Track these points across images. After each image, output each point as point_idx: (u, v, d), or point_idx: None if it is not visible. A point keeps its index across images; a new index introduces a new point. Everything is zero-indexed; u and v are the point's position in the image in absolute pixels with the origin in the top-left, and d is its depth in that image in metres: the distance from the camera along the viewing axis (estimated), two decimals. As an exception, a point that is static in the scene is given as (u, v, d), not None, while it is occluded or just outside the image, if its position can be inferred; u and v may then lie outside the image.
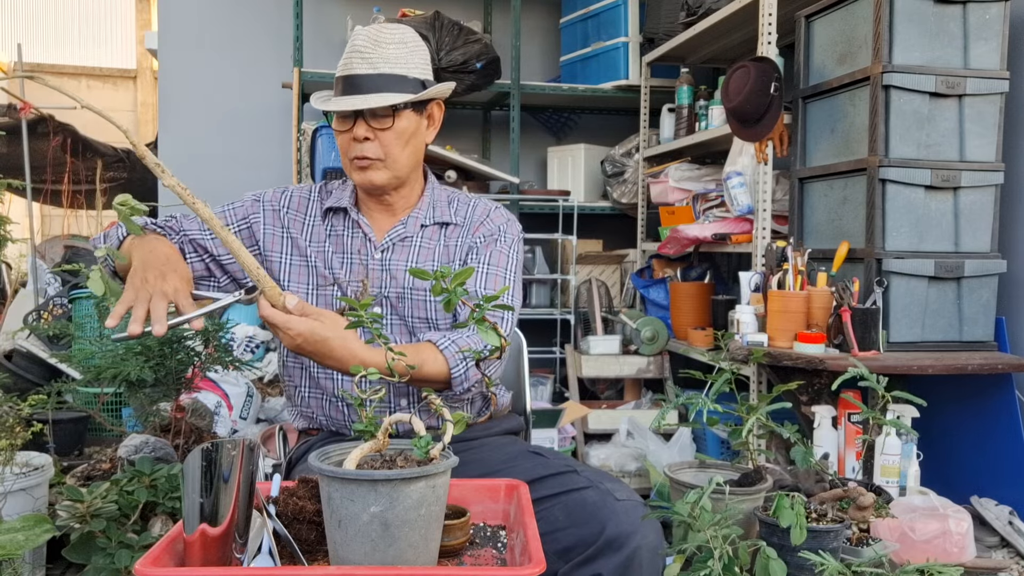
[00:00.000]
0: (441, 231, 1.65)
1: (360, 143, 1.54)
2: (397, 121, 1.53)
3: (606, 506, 1.32)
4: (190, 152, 4.12)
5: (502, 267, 1.60)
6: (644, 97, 3.82)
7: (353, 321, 1.12)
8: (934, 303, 2.38)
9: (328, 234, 1.64)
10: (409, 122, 1.55)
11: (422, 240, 1.63)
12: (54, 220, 6.96)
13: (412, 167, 1.61)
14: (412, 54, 1.54)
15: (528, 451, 1.56)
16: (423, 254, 1.62)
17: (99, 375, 2.38)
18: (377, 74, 1.50)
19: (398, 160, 1.56)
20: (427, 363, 1.43)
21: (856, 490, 1.54)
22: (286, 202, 1.66)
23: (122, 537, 1.80)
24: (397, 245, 1.62)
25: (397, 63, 1.52)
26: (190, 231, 1.61)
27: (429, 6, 3.68)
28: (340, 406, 1.60)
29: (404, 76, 1.52)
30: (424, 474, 0.99)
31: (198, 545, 1.00)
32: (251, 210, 1.65)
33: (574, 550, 1.31)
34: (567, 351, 3.63)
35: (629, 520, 1.30)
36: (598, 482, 1.39)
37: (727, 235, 2.97)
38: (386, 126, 1.53)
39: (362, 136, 1.53)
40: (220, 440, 1.04)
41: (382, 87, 1.50)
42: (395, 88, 1.51)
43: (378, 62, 1.51)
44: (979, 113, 2.38)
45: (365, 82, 1.51)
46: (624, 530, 1.28)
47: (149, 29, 6.52)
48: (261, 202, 1.66)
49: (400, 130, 1.54)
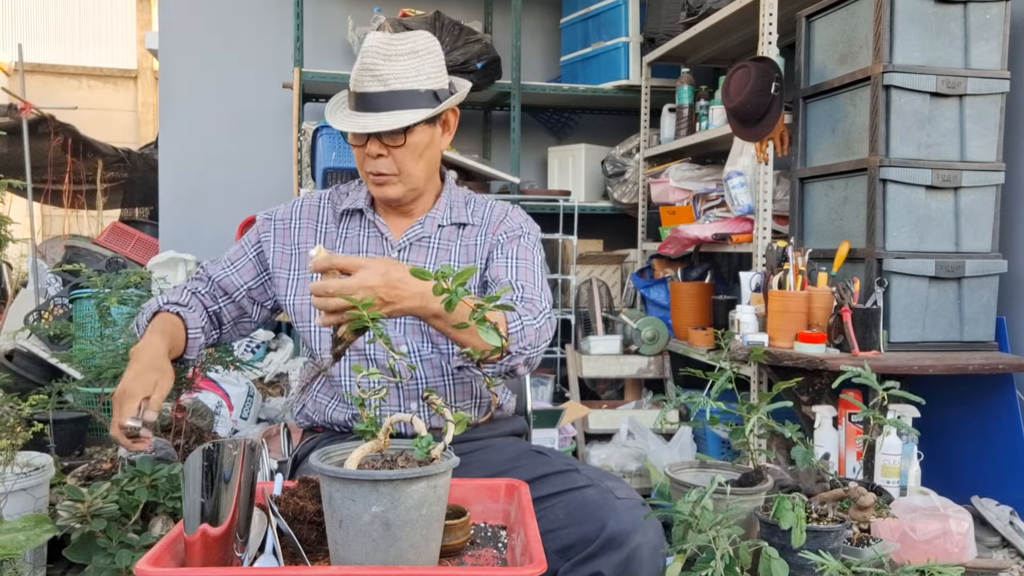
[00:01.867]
0: (458, 232, 1.65)
1: (374, 159, 1.54)
2: (410, 137, 1.52)
3: (606, 504, 1.32)
4: (191, 152, 4.13)
5: (530, 261, 1.60)
6: (644, 97, 3.82)
7: (354, 322, 1.12)
8: (935, 303, 2.38)
9: (344, 236, 1.64)
10: (423, 136, 1.54)
11: (440, 241, 1.63)
12: (55, 220, 6.97)
13: (428, 177, 1.61)
14: (424, 63, 1.52)
15: (531, 450, 1.57)
16: (441, 255, 1.62)
17: (100, 375, 2.39)
18: (388, 91, 1.49)
19: (412, 174, 1.56)
20: None
21: (857, 490, 1.54)
22: (296, 213, 1.67)
23: (123, 537, 1.80)
24: (415, 245, 1.62)
25: (408, 78, 1.50)
26: (216, 276, 1.65)
27: (429, 6, 3.68)
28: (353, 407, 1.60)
29: (416, 91, 1.50)
30: (425, 474, 0.99)
31: (199, 545, 1.00)
32: (262, 229, 1.67)
33: (574, 548, 1.31)
34: (568, 351, 3.63)
35: (630, 518, 1.30)
36: (598, 480, 1.39)
37: (728, 235, 2.97)
38: (399, 143, 1.52)
39: (375, 153, 1.53)
40: (221, 440, 1.04)
41: (394, 105, 1.49)
42: (407, 104, 1.49)
43: (389, 79, 1.49)
44: (980, 113, 2.38)
45: (376, 100, 1.49)
46: (624, 528, 1.28)
47: (149, 29, 6.53)
48: (272, 220, 1.68)
49: (414, 145, 1.53)
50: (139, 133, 8.71)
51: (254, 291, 1.65)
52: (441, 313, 1.28)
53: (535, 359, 1.45)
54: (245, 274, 1.64)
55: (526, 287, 1.53)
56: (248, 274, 1.65)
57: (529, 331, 1.41)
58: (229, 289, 1.64)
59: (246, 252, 1.66)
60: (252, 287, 1.65)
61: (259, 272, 1.65)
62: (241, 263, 1.65)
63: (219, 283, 1.64)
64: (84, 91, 8.73)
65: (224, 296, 1.64)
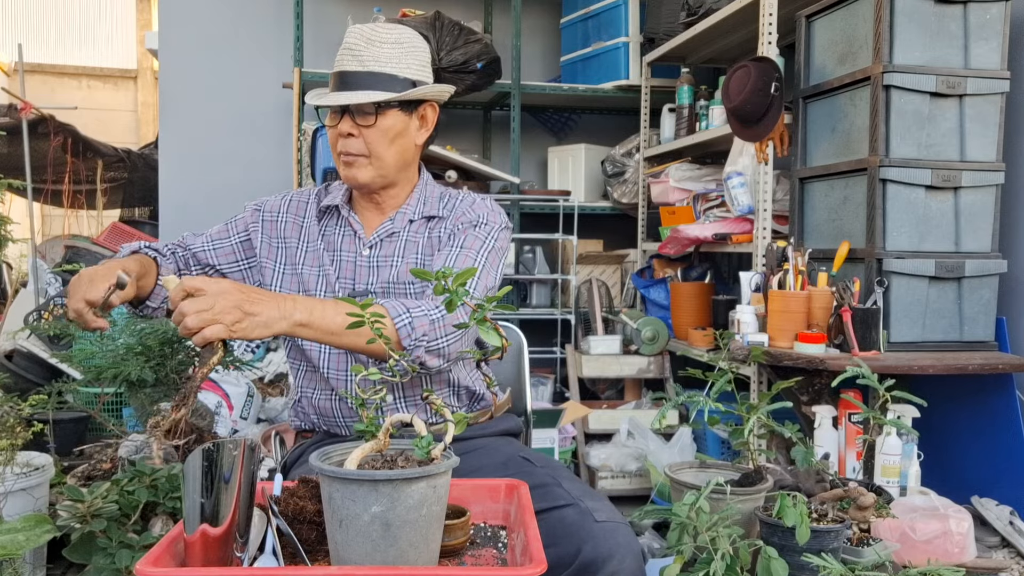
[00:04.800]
0: (426, 224, 1.65)
1: (345, 139, 1.56)
2: (381, 119, 1.54)
3: (584, 528, 1.29)
4: (191, 152, 4.13)
5: (474, 250, 1.57)
6: (644, 97, 3.82)
7: (355, 321, 1.12)
8: (935, 303, 2.38)
9: (322, 234, 1.66)
10: (395, 121, 1.55)
11: (408, 234, 1.63)
12: (55, 220, 6.96)
13: (400, 167, 1.61)
14: (407, 55, 1.55)
15: (519, 457, 1.55)
16: (409, 248, 1.62)
17: (100, 375, 2.39)
18: (365, 71, 1.51)
19: (382, 158, 1.56)
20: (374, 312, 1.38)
21: (857, 490, 1.54)
22: (284, 207, 1.69)
23: (123, 537, 1.80)
24: (385, 241, 1.63)
25: (388, 62, 1.53)
26: (193, 246, 1.67)
27: (429, 6, 3.67)
28: (348, 405, 1.60)
29: (394, 76, 1.53)
30: (425, 474, 0.99)
31: (199, 545, 1.00)
32: (250, 220, 1.69)
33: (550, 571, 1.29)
34: (567, 351, 3.63)
35: (607, 544, 1.27)
36: (579, 499, 1.36)
37: (727, 235, 2.97)
38: (369, 123, 1.53)
39: (346, 132, 1.55)
40: (221, 440, 1.04)
41: (369, 85, 1.51)
42: (383, 87, 1.52)
43: (368, 60, 1.52)
44: (979, 113, 2.38)
45: (353, 79, 1.52)
46: (600, 554, 1.25)
47: (149, 29, 6.53)
48: (261, 211, 1.69)
49: (385, 128, 1.55)
50: (139, 133, 8.70)
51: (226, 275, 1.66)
52: (306, 322, 1.31)
53: (445, 349, 1.41)
54: (222, 256, 1.66)
55: None
56: (225, 257, 1.67)
57: (422, 322, 1.38)
58: (203, 262, 1.66)
59: (230, 236, 1.68)
60: (226, 272, 1.66)
61: (238, 259, 1.67)
62: (221, 244, 1.67)
63: (195, 254, 1.66)
64: (84, 91, 8.72)
65: (197, 266, 1.66)
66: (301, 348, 1.61)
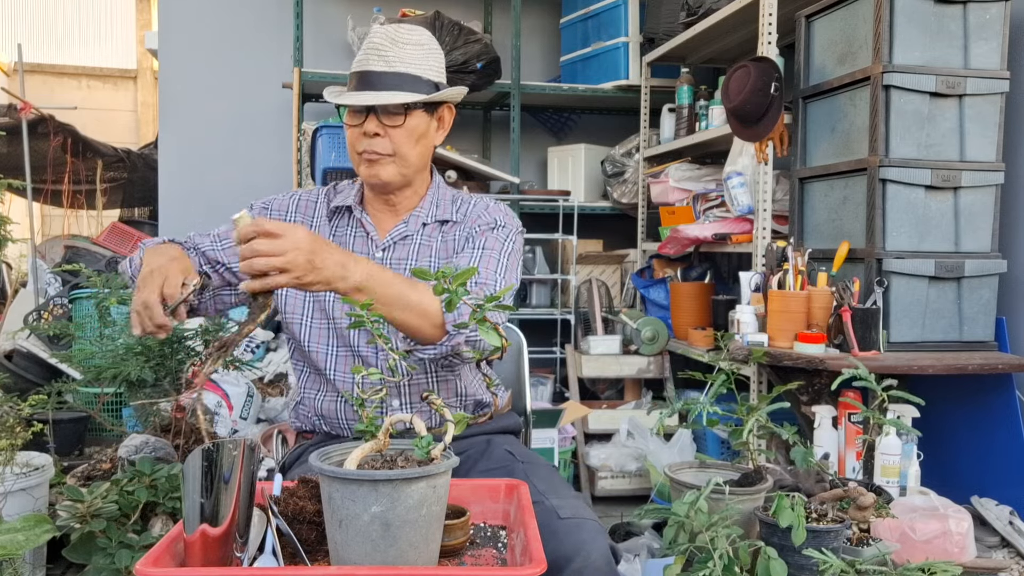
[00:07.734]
0: (440, 228, 1.65)
1: (370, 139, 1.54)
2: (408, 119, 1.54)
3: (547, 526, 1.27)
4: (190, 152, 4.13)
5: (496, 251, 1.58)
6: (644, 97, 3.82)
7: (354, 321, 1.12)
8: (934, 303, 2.38)
9: (333, 235, 1.64)
10: (420, 121, 1.56)
11: (422, 238, 1.63)
12: (54, 220, 6.96)
13: (420, 167, 1.62)
14: (428, 56, 1.56)
15: (505, 450, 1.55)
16: (422, 251, 1.62)
17: (99, 375, 2.39)
18: (393, 72, 1.51)
19: (407, 157, 1.57)
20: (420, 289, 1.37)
21: (856, 490, 1.54)
22: (293, 206, 1.68)
23: (122, 537, 1.80)
24: (398, 244, 1.63)
25: (413, 63, 1.53)
26: (201, 245, 1.63)
27: (429, 6, 3.68)
28: (352, 407, 1.59)
29: (419, 77, 1.53)
30: (425, 474, 0.99)
31: (198, 545, 1.00)
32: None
33: None
34: (567, 351, 3.63)
35: (570, 541, 1.25)
36: (545, 497, 1.34)
37: (727, 235, 2.97)
38: (397, 123, 1.53)
39: (372, 132, 1.54)
40: (221, 440, 1.04)
41: (397, 85, 1.51)
42: (409, 87, 1.52)
43: (394, 61, 1.52)
44: (979, 113, 2.38)
45: (380, 79, 1.52)
46: (563, 552, 1.24)
47: (149, 29, 6.52)
48: (269, 210, 1.68)
49: (411, 128, 1.55)
50: (139, 133, 8.70)
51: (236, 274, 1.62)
52: (363, 286, 1.29)
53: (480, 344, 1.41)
54: (230, 254, 1.61)
55: (483, 272, 1.52)
56: (233, 255, 1.61)
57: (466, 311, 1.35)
58: (212, 260, 1.62)
59: None
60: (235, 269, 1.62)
61: None
62: (229, 243, 1.64)
63: (203, 252, 1.62)
64: (84, 91, 8.72)
65: (206, 264, 1.62)
66: (305, 350, 1.61)
